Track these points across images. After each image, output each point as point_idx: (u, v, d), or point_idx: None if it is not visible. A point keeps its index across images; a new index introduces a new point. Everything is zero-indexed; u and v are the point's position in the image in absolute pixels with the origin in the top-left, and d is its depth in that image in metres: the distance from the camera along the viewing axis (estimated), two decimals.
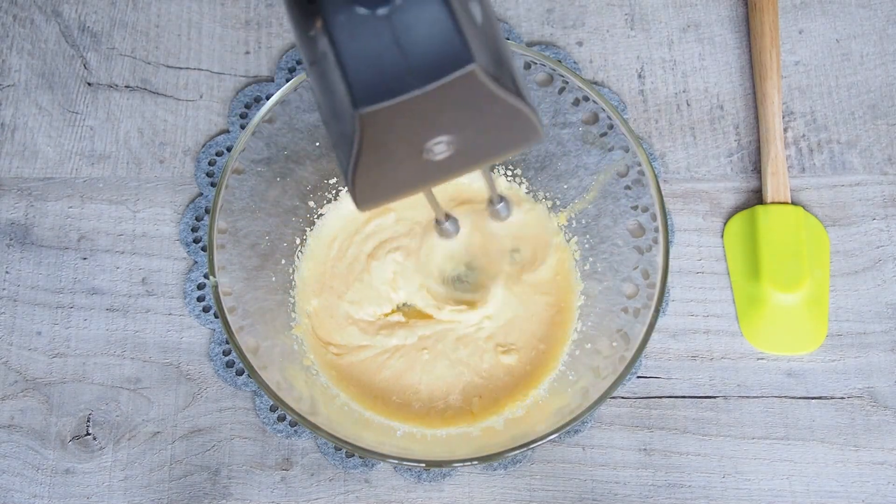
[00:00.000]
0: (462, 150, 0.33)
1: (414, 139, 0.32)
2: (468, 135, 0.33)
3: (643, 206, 0.52)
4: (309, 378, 0.54)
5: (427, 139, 0.32)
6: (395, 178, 0.35)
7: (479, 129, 0.33)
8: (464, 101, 0.31)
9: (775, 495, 0.55)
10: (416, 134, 0.32)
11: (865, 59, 0.65)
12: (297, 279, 0.58)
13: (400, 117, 0.30)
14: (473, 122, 0.32)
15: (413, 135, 0.32)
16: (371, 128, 0.30)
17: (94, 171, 0.62)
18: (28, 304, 0.59)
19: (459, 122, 0.32)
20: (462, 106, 0.31)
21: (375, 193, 0.35)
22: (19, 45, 0.65)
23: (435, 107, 0.30)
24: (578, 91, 0.53)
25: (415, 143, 0.32)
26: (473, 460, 0.47)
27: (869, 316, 0.59)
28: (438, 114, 0.31)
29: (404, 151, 0.32)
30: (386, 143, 0.31)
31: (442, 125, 0.32)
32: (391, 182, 0.35)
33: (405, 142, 0.32)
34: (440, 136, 0.32)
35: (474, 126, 0.33)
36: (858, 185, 0.61)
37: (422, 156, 0.33)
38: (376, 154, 0.32)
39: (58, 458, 0.56)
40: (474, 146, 0.34)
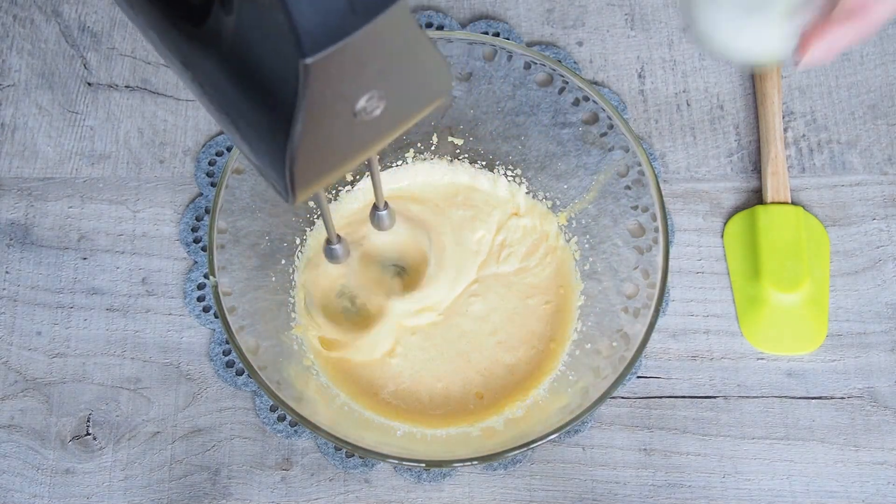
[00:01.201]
0: (390, 107, 0.33)
1: (350, 95, 0.32)
2: (394, 87, 0.33)
3: (643, 206, 0.52)
4: (309, 378, 0.54)
5: (361, 93, 0.32)
6: (331, 151, 0.34)
7: (403, 80, 0.33)
8: (392, 46, 0.31)
9: (775, 495, 0.55)
10: (352, 87, 0.31)
11: (865, 59, 0.65)
12: (297, 279, 0.58)
13: (341, 65, 0.30)
14: (399, 71, 0.33)
15: (349, 89, 0.31)
16: (316, 80, 0.29)
17: (94, 171, 0.62)
18: (28, 304, 0.59)
19: (388, 70, 0.32)
20: (390, 52, 0.31)
21: (311, 174, 0.34)
22: (19, 45, 0.65)
23: (371, 50, 0.30)
24: (578, 91, 0.53)
25: (350, 100, 0.32)
26: (473, 460, 0.47)
27: (869, 316, 0.59)
28: (373, 58, 0.31)
29: (341, 112, 0.32)
30: (326, 102, 0.31)
31: (374, 74, 0.32)
32: (327, 157, 0.34)
33: (342, 99, 0.32)
34: (373, 87, 0.32)
35: (399, 76, 0.33)
36: (858, 185, 0.61)
37: (355, 117, 0.33)
38: (317, 120, 0.31)
39: (58, 458, 0.56)
40: (399, 101, 0.34)
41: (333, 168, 0.35)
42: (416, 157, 0.60)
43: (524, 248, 0.59)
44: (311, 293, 0.57)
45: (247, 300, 0.52)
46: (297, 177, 0.33)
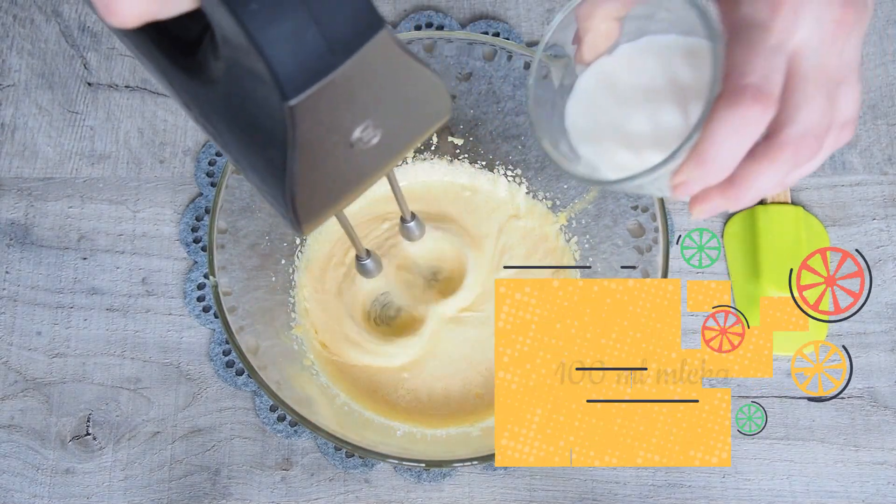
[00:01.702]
0: (387, 134, 0.34)
1: (343, 127, 0.32)
2: (389, 115, 0.33)
3: (643, 206, 0.52)
4: (309, 378, 0.54)
5: (355, 125, 0.32)
6: (332, 182, 0.34)
7: (397, 107, 0.33)
8: (380, 76, 0.31)
9: (775, 495, 0.55)
10: (345, 121, 0.32)
11: (865, 59, 0.64)
12: (296, 279, 0.58)
13: (328, 102, 0.30)
14: (392, 98, 0.33)
15: (342, 122, 0.32)
16: (303, 121, 0.30)
17: (94, 171, 0.62)
18: (28, 304, 0.59)
19: (381, 99, 0.32)
20: (379, 82, 0.31)
21: (315, 207, 0.35)
22: (19, 45, 0.65)
23: (357, 83, 0.30)
24: None
25: (345, 132, 0.32)
26: (473, 460, 0.47)
27: (869, 316, 0.59)
28: (361, 91, 0.31)
29: (336, 145, 0.32)
30: (318, 137, 0.31)
31: (366, 105, 0.32)
32: (329, 188, 0.34)
33: (336, 133, 0.32)
34: (366, 118, 0.32)
35: (393, 104, 0.33)
36: (858, 185, 0.61)
37: (352, 148, 0.33)
38: (311, 155, 0.31)
39: (58, 458, 0.56)
40: (396, 127, 0.34)
41: (339, 197, 0.35)
42: (415, 157, 0.60)
43: (524, 250, 0.59)
44: (349, 304, 0.57)
45: (247, 300, 0.51)
46: (301, 210, 0.34)
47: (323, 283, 0.58)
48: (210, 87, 0.33)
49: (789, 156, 0.34)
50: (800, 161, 0.34)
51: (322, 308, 0.57)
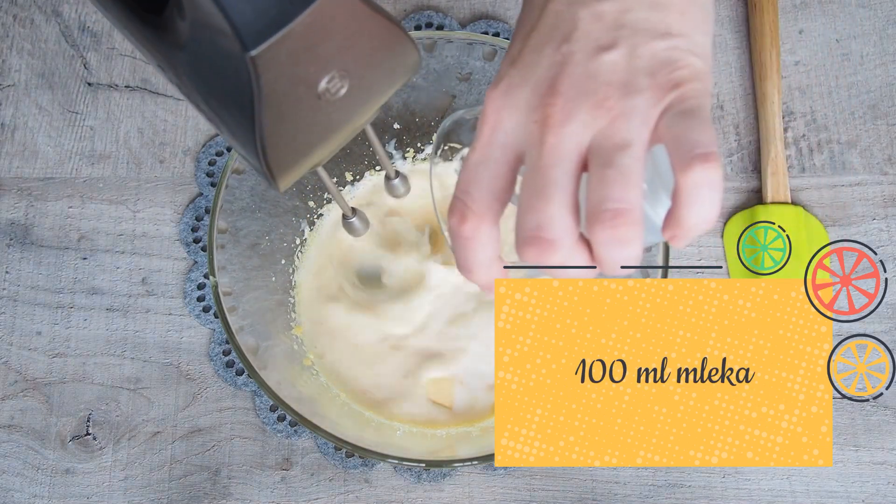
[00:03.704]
0: (355, 86, 0.34)
1: (308, 78, 0.32)
2: (356, 66, 0.34)
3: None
4: (309, 378, 0.54)
5: (320, 75, 0.32)
6: (303, 135, 0.35)
7: (364, 59, 0.34)
8: (342, 26, 0.32)
9: (775, 495, 0.55)
10: (309, 71, 0.32)
11: (865, 59, 0.65)
12: (296, 279, 0.58)
13: (289, 52, 0.30)
14: (357, 50, 0.33)
15: (306, 73, 0.32)
16: (266, 71, 0.30)
17: (94, 171, 0.62)
18: (28, 304, 0.59)
19: (345, 51, 0.33)
20: (342, 32, 0.32)
21: (288, 160, 0.35)
22: (19, 45, 0.65)
23: (318, 34, 0.31)
24: None
25: (310, 83, 0.33)
26: (473, 460, 0.47)
27: (869, 316, 0.59)
28: (324, 42, 0.32)
29: (303, 96, 0.33)
30: (284, 89, 0.32)
31: (330, 56, 0.32)
32: (300, 141, 0.35)
33: (301, 84, 0.32)
34: (331, 69, 0.33)
35: (359, 55, 0.33)
36: (858, 185, 0.61)
37: (319, 100, 0.33)
38: (278, 106, 0.32)
39: (58, 458, 0.56)
40: (365, 80, 0.34)
41: (311, 150, 0.36)
42: (415, 157, 0.60)
43: None
44: (339, 261, 0.57)
45: (247, 300, 0.52)
46: (273, 163, 0.34)
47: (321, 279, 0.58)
48: (178, 47, 0.34)
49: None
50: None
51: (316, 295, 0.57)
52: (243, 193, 0.52)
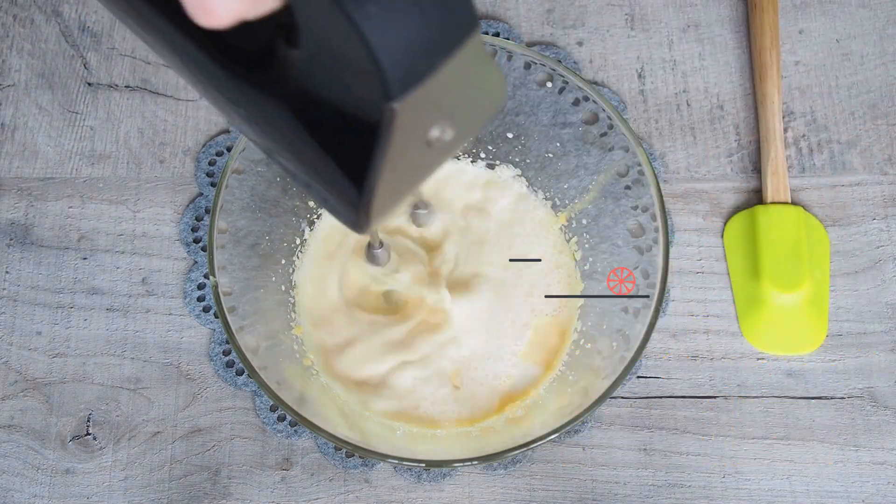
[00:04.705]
0: (459, 130, 0.32)
1: (424, 127, 0.30)
2: (463, 111, 0.32)
3: (643, 206, 0.52)
4: (309, 378, 0.54)
5: (436, 124, 0.31)
6: (405, 181, 0.33)
7: (470, 102, 0.32)
8: (466, 73, 0.30)
9: (775, 495, 0.55)
10: (429, 120, 0.30)
11: (865, 59, 0.65)
12: (296, 279, 0.58)
13: (423, 102, 0.28)
14: (468, 95, 0.31)
15: (425, 121, 0.30)
16: (400, 122, 0.28)
17: (94, 171, 0.62)
18: (28, 304, 0.59)
19: (459, 98, 0.31)
20: (464, 79, 0.30)
21: (384, 205, 0.33)
22: (19, 45, 0.65)
23: (449, 82, 0.29)
24: (578, 91, 0.53)
25: (424, 131, 0.31)
26: (473, 460, 0.47)
27: (869, 316, 0.59)
28: (449, 90, 0.29)
29: (415, 144, 0.31)
30: (404, 138, 0.29)
31: (449, 104, 0.30)
32: (399, 188, 0.33)
33: (418, 132, 0.30)
34: (446, 117, 0.31)
35: (468, 100, 0.32)
36: (858, 185, 0.61)
37: (429, 148, 0.31)
38: (394, 156, 0.30)
39: (58, 458, 0.56)
40: (466, 122, 0.33)
41: (404, 195, 0.34)
42: None
43: (524, 248, 0.59)
44: (344, 290, 0.57)
45: (247, 300, 0.52)
46: (373, 211, 0.32)
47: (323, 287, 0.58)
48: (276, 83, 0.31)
49: None
50: None
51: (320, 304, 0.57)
52: (243, 193, 0.52)
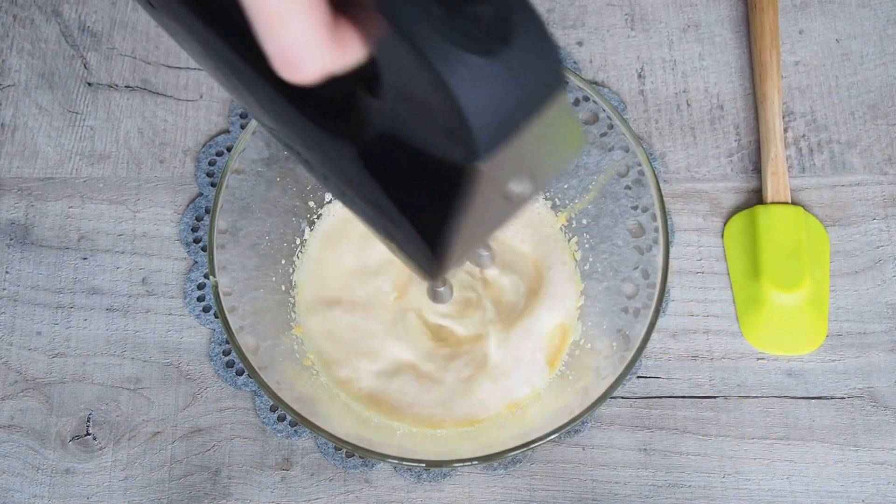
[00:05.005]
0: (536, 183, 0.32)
1: (507, 182, 0.30)
2: (542, 165, 0.31)
3: (643, 206, 0.52)
4: (309, 378, 0.54)
5: (517, 179, 0.30)
6: (481, 232, 0.33)
7: (549, 156, 0.31)
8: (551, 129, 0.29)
9: (775, 495, 0.55)
10: (511, 176, 0.30)
11: (865, 59, 0.65)
12: (296, 279, 0.58)
13: (508, 160, 0.28)
14: (548, 149, 0.30)
15: (508, 178, 0.29)
16: (484, 180, 0.27)
17: (94, 171, 0.62)
18: (28, 304, 0.59)
19: (540, 153, 0.30)
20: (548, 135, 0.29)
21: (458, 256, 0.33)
22: (19, 45, 0.65)
23: (534, 140, 0.28)
24: (578, 91, 0.53)
25: (506, 186, 0.30)
26: (473, 460, 0.47)
27: (869, 316, 0.59)
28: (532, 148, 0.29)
29: (495, 199, 0.30)
30: (486, 195, 0.29)
31: (530, 161, 0.30)
32: (475, 238, 0.33)
33: (499, 188, 0.29)
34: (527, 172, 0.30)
35: (547, 154, 0.31)
36: (858, 185, 0.61)
37: (507, 202, 0.31)
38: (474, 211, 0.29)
39: (58, 458, 0.56)
40: (544, 175, 0.32)
41: (476, 245, 0.34)
42: None
43: (525, 249, 0.59)
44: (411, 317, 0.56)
45: (247, 300, 0.51)
46: (446, 263, 0.32)
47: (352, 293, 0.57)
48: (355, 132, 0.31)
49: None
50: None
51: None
52: (243, 193, 0.52)
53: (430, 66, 0.25)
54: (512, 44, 0.26)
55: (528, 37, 0.26)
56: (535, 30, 0.26)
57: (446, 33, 0.25)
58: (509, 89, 0.26)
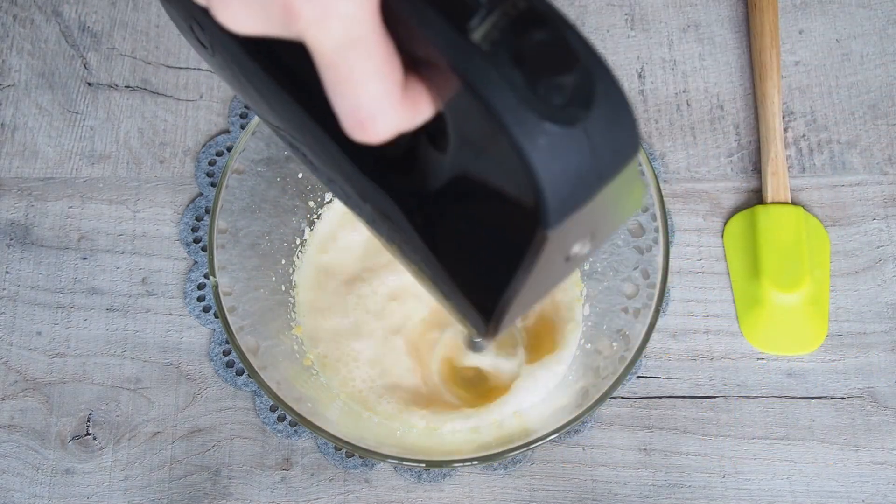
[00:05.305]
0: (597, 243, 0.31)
1: (568, 245, 0.29)
2: (603, 226, 0.30)
3: (643, 206, 0.52)
4: (309, 378, 0.54)
5: (579, 241, 0.29)
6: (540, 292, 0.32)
7: (611, 217, 0.30)
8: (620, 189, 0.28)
9: (775, 495, 0.55)
10: (575, 239, 0.29)
11: (865, 59, 0.65)
12: (296, 279, 0.58)
13: (574, 226, 0.27)
14: (611, 212, 0.30)
15: (570, 241, 0.29)
16: (549, 246, 0.27)
17: (94, 171, 0.62)
18: (28, 304, 0.59)
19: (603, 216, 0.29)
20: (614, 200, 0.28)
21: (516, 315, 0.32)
22: (19, 45, 0.65)
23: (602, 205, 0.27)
24: None
25: (567, 248, 0.29)
26: (473, 460, 0.47)
27: (869, 316, 0.59)
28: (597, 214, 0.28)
29: (556, 260, 0.29)
30: (549, 259, 0.28)
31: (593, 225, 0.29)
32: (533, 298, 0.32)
33: (561, 251, 0.29)
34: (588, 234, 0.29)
35: (610, 216, 0.30)
36: (858, 185, 0.61)
37: (567, 262, 0.30)
38: (535, 274, 0.29)
39: (58, 458, 0.56)
40: (605, 234, 0.31)
41: (534, 304, 0.33)
42: None
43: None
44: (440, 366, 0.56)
45: (247, 300, 0.52)
46: (503, 323, 0.32)
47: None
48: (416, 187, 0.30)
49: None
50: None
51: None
52: (243, 193, 0.52)
53: (508, 131, 0.24)
54: (592, 113, 0.25)
55: (609, 106, 0.25)
56: (615, 99, 0.26)
57: (526, 98, 0.24)
58: (586, 159, 0.25)
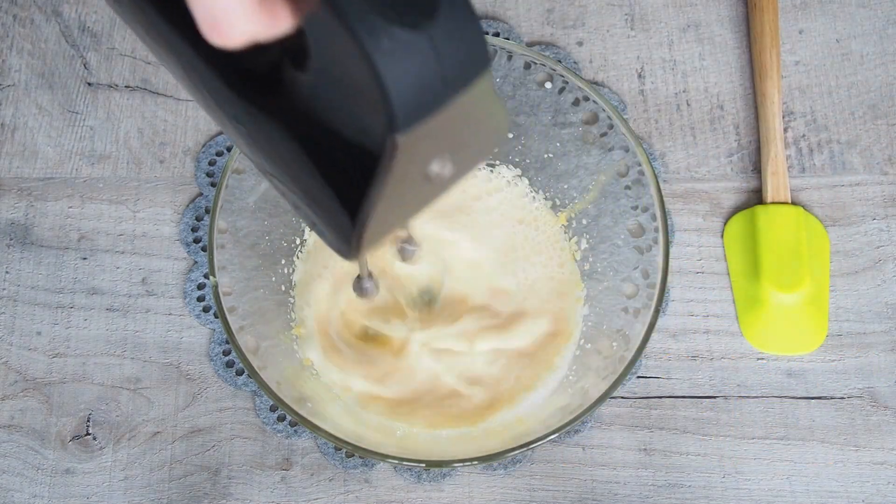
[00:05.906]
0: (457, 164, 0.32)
1: (425, 161, 0.30)
2: (464, 146, 0.31)
3: (643, 206, 0.52)
4: (309, 378, 0.54)
5: (437, 158, 0.30)
6: (400, 213, 0.33)
7: (471, 138, 0.31)
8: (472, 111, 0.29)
9: (775, 495, 0.55)
10: (431, 154, 0.30)
11: (865, 59, 0.65)
12: (296, 279, 0.58)
13: (426, 136, 0.28)
14: (470, 131, 0.31)
15: (426, 156, 0.30)
16: (402, 154, 0.28)
17: (94, 171, 0.62)
18: (28, 304, 0.59)
19: (462, 134, 0.30)
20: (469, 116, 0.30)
21: (375, 236, 0.33)
22: (19, 45, 0.65)
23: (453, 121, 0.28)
24: (578, 91, 0.53)
25: (425, 165, 0.30)
26: (473, 460, 0.47)
27: (869, 316, 0.59)
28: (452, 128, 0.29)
29: (414, 178, 0.30)
30: (402, 171, 0.29)
31: (450, 141, 0.30)
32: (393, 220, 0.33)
33: (418, 166, 0.30)
34: (447, 151, 0.30)
35: (469, 135, 0.31)
36: (858, 185, 0.61)
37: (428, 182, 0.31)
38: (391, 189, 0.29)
39: (58, 458, 0.56)
40: (466, 157, 0.32)
41: (395, 226, 0.34)
42: None
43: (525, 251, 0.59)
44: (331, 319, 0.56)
45: (247, 300, 0.52)
46: (364, 240, 0.32)
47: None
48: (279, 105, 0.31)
49: None
50: None
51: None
52: (243, 193, 0.52)
53: (354, 35, 0.25)
54: (436, 19, 0.26)
55: (453, 16, 0.26)
56: (460, 11, 0.27)
57: (373, 6, 0.25)
58: (431, 65, 0.26)
